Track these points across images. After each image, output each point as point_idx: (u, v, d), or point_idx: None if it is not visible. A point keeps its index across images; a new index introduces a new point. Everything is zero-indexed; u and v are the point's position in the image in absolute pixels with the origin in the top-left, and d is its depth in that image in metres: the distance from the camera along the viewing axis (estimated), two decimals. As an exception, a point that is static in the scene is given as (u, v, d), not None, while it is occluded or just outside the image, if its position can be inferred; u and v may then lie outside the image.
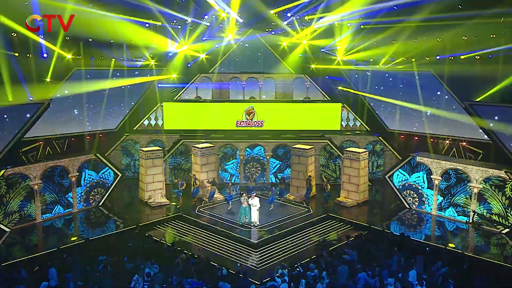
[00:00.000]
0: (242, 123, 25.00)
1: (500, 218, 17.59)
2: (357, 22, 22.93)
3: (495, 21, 18.84)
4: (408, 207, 20.27)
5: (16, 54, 20.17)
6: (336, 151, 23.66)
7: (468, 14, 18.82)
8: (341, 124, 25.35)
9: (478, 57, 20.76)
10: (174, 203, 20.52)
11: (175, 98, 25.67)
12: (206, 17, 23.88)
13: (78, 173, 19.57)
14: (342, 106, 25.26)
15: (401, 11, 20.57)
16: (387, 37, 22.75)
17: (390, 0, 19.87)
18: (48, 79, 21.42)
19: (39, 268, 13.83)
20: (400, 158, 22.80)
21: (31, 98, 19.20)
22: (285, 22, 24.17)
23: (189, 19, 23.49)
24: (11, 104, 17.90)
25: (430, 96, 22.88)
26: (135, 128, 25.10)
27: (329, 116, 25.17)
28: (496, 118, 18.08)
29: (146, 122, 25.38)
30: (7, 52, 19.14)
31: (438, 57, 22.05)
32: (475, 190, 18.08)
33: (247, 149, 24.00)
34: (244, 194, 18.41)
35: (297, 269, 13.53)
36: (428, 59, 22.65)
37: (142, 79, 24.97)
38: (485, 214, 17.88)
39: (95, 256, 14.08)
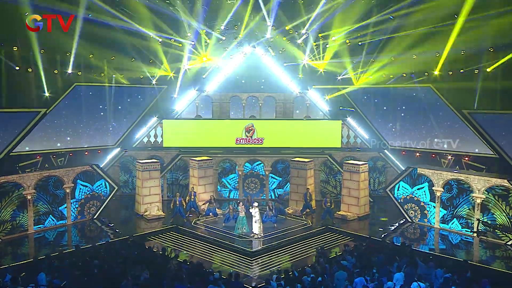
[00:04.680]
0: (241, 140, 24.76)
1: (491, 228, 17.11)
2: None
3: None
4: (410, 220, 19.71)
5: (17, 68, 20.45)
6: (336, 166, 23.30)
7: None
8: (341, 141, 25.04)
9: (477, 70, 20.77)
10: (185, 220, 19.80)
11: (176, 117, 25.65)
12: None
13: (73, 184, 19.31)
14: (342, 124, 25.04)
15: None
16: (385, 54, 23.01)
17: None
18: (47, 94, 21.49)
19: (26, 274, 13.43)
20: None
21: None
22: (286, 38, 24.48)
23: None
24: (7, 111, 17.93)
25: (430, 112, 22.72)
26: (134, 145, 24.96)
27: (329, 133, 24.88)
28: (498, 126, 17.85)
29: (145, 139, 25.26)
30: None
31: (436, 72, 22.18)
32: (478, 201, 17.58)
33: (246, 164, 23.79)
34: (241, 203, 18.01)
35: (292, 273, 13.03)
36: (427, 74, 22.72)
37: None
38: (489, 222, 17.32)
39: (85, 262, 13.72)
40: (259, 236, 17.39)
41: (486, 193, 17.43)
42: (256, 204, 17.72)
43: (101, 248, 15.58)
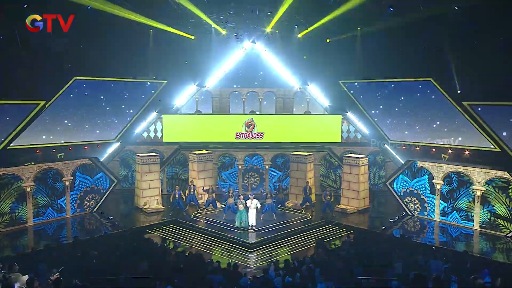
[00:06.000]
0: (241, 135, 24.66)
1: (504, 221, 17.03)
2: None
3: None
4: (410, 213, 19.66)
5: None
6: (336, 160, 23.25)
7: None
8: (341, 136, 24.92)
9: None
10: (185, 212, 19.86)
11: (176, 112, 25.56)
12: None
13: (72, 177, 19.29)
14: (342, 119, 24.94)
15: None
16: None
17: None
18: (46, 87, 21.35)
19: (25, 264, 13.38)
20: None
21: None
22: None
23: None
24: (5, 103, 17.88)
25: (431, 106, 22.59)
26: (134, 140, 24.85)
27: (329, 128, 24.75)
28: (500, 118, 17.75)
29: (145, 134, 25.18)
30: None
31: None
32: (478, 193, 17.53)
33: (246, 158, 23.75)
34: (241, 197, 17.99)
35: (293, 263, 13.00)
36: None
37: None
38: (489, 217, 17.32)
39: (84, 253, 13.69)
40: (253, 227, 17.43)
41: (486, 185, 17.40)
42: (253, 196, 17.80)
43: (99, 240, 15.55)
